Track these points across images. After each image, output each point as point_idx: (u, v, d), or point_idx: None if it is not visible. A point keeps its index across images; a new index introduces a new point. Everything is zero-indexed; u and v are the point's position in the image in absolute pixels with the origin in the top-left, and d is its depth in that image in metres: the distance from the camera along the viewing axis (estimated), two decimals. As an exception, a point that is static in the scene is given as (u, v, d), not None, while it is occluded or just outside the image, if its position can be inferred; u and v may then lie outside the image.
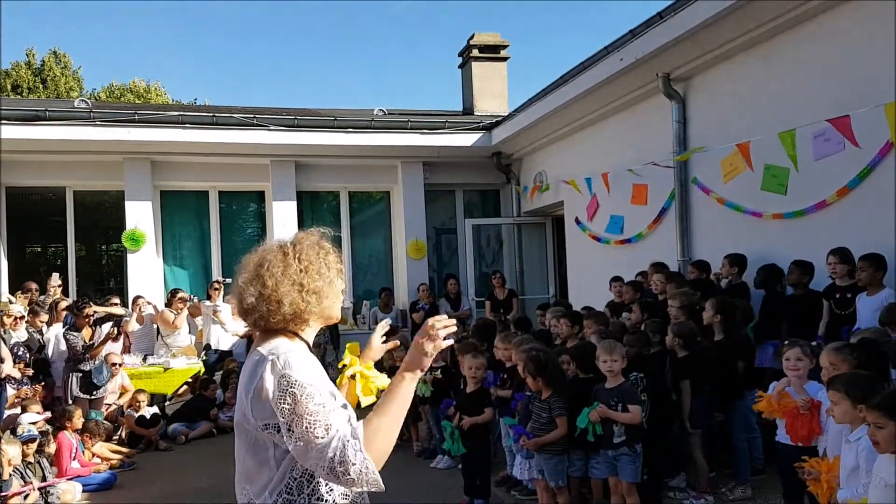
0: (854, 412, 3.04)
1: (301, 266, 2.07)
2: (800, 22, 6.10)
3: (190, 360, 9.28)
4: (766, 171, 6.31)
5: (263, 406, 1.93)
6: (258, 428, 1.96)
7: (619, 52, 7.58)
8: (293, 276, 2.05)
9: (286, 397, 1.89)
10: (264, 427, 1.95)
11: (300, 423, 1.87)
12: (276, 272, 2.05)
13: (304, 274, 2.07)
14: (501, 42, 12.77)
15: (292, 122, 10.43)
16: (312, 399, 1.89)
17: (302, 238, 2.16)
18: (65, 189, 10.73)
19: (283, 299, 2.03)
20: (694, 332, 5.39)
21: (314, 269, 2.08)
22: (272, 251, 2.11)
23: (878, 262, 5.11)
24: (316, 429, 1.86)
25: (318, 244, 2.15)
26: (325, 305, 2.11)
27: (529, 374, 4.92)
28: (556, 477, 4.86)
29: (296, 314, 2.05)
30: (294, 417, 1.88)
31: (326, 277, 2.11)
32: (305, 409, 1.88)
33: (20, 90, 26.82)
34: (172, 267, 11.11)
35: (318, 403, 1.89)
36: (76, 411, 7.02)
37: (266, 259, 2.09)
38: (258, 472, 2.00)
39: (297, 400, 1.88)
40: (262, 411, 1.94)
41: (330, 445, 1.85)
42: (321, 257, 2.12)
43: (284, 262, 2.07)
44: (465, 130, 11.18)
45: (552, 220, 11.63)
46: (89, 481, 6.62)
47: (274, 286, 2.03)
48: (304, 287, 2.06)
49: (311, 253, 2.11)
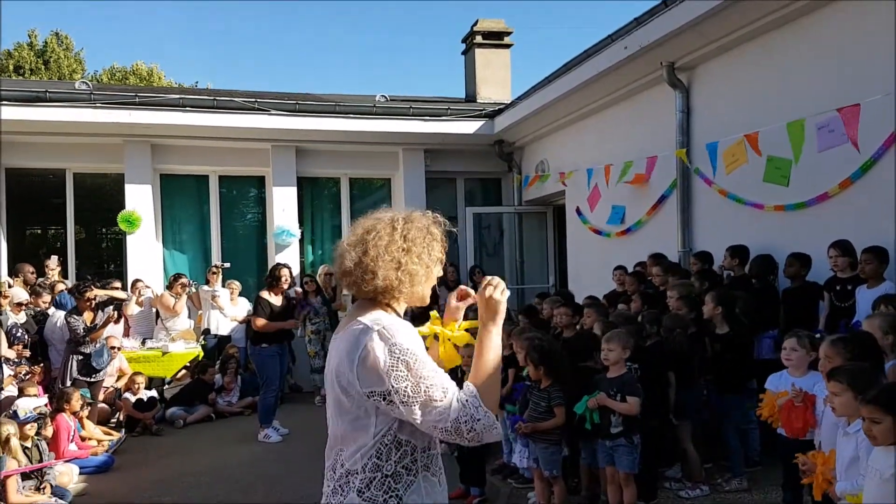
0: (855, 404, 3.04)
1: (405, 245, 2.11)
2: (804, 13, 6.05)
3: (189, 345, 9.29)
4: (769, 162, 6.28)
5: (370, 373, 1.97)
6: (363, 395, 2.00)
7: (623, 41, 7.53)
8: (395, 252, 2.09)
9: (399, 365, 1.95)
10: (370, 395, 1.99)
11: (418, 388, 1.94)
12: (380, 244, 2.09)
13: (406, 253, 2.11)
14: (505, 29, 12.69)
15: (293, 107, 10.38)
16: (424, 366, 1.97)
17: (414, 218, 2.19)
18: (65, 171, 10.68)
19: (378, 272, 2.07)
20: (686, 323, 5.38)
21: (415, 252, 2.12)
22: (383, 221, 2.14)
23: (881, 254, 5.09)
24: (435, 391, 1.95)
25: (428, 230, 2.19)
26: (416, 289, 2.15)
27: (532, 363, 4.92)
28: (550, 466, 4.87)
29: (386, 289, 2.09)
30: (411, 383, 1.94)
31: (425, 263, 2.15)
32: (420, 374, 1.95)
33: (22, 71, 26.74)
34: (172, 251, 11.10)
35: (432, 369, 1.98)
36: (74, 394, 7.02)
37: (375, 228, 2.12)
38: (354, 437, 2.04)
39: (411, 367, 1.95)
40: (369, 378, 1.98)
41: (451, 407, 1.95)
42: (426, 242, 2.17)
43: (391, 236, 2.11)
44: (468, 118, 11.13)
45: (553, 209, 11.60)
46: (86, 464, 6.64)
47: (374, 256, 2.08)
48: (402, 266, 2.10)
49: (419, 236, 2.15)
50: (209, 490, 6.08)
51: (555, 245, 11.76)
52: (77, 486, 6.28)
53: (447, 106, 11.27)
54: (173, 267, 10.82)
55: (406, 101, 11.36)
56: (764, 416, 4.26)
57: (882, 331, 3.90)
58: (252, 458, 7.03)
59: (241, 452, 7.25)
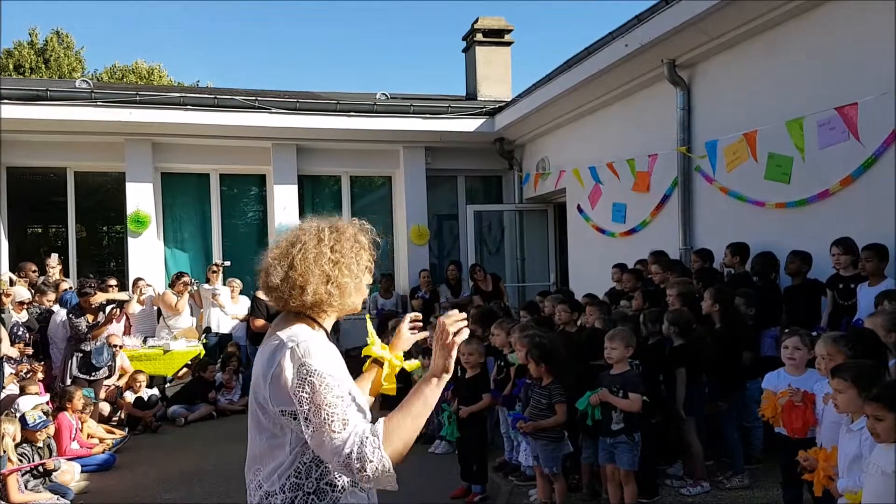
0: (859, 401, 3.03)
1: (333, 257, 2.03)
2: (805, 10, 6.05)
3: (190, 343, 9.29)
4: (770, 160, 6.28)
5: (282, 392, 1.92)
6: (277, 413, 1.95)
7: (624, 38, 7.52)
8: (323, 265, 2.02)
9: (305, 386, 1.87)
10: (282, 413, 1.94)
11: (318, 414, 1.86)
12: (308, 257, 2.01)
13: (335, 266, 2.03)
14: (506, 26, 12.68)
15: (294, 106, 10.38)
16: (331, 390, 1.87)
17: (341, 227, 2.10)
18: (66, 170, 10.69)
19: (307, 287, 2.00)
20: (690, 320, 5.38)
21: (345, 264, 2.04)
22: (308, 233, 2.06)
23: (881, 252, 5.09)
24: (333, 422, 1.85)
25: (355, 238, 2.11)
26: (346, 301, 2.07)
27: (533, 360, 4.92)
28: (550, 463, 4.87)
29: (316, 303, 2.02)
30: (312, 407, 1.86)
31: (355, 275, 2.07)
32: (324, 399, 1.86)
33: (22, 70, 26.73)
34: (173, 249, 11.11)
35: (337, 395, 1.88)
36: (76, 392, 7.02)
37: (301, 240, 2.04)
38: (271, 455, 1.99)
39: (316, 390, 1.87)
40: (280, 397, 1.93)
41: (347, 441, 1.84)
42: (355, 252, 2.08)
43: (318, 248, 2.03)
44: (468, 116, 11.12)
45: (554, 206, 11.60)
46: (88, 462, 6.65)
47: (302, 271, 2.00)
48: (332, 279, 2.02)
49: (347, 246, 2.06)
50: (211, 488, 6.08)
51: (556, 243, 11.76)
52: (79, 484, 6.28)
53: (448, 104, 11.27)
54: (174, 265, 10.83)
55: (407, 99, 11.37)
56: (767, 415, 4.25)
57: (885, 328, 3.89)
58: (253, 456, 7.03)
59: (243, 450, 7.10)
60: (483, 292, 10.20)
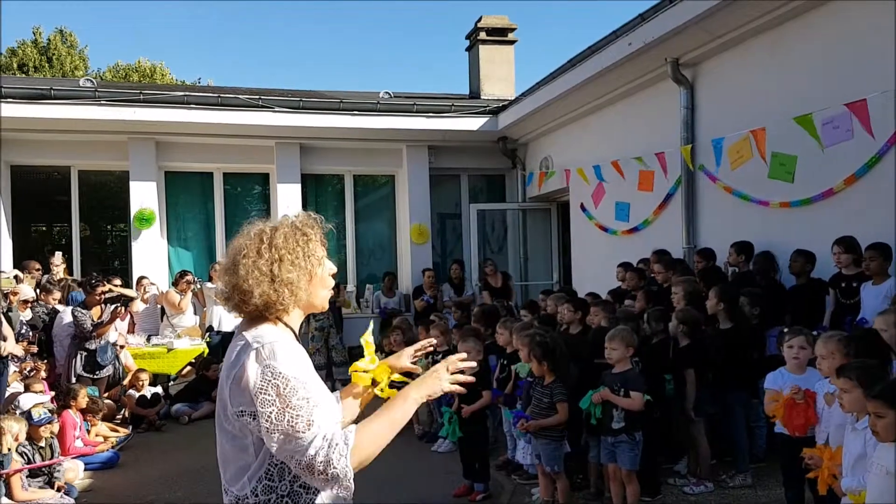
0: (864, 400, 3.03)
1: (275, 255, 1.98)
2: (808, 9, 6.04)
3: (193, 341, 9.30)
4: (774, 158, 6.26)
5: (242, 393, 1.89)
6: (235, 414, 1.92)
7: (628, 37, 7.51)
8: (263, 266, 1.97)
9: (269, 388, 1.85)
10: (240, 413, 1.90)
11: (282, 416, 1.84)
12: (248, 261, 1.97)
13: (277, 264, 1.98)
14: (509, 25, 12.67)
15: (297, 104, 10.38)
16: (296, 392, 1.85)
17: (282, 223, 2.06)
18: (69, 168, 10.73)
19: (254, 290, 1.95)
20: (698, 319, 5.37)
21: (288, 260, 1.99)
22: (250, 238, 2.03)
23: (885, 251, 5.08)
24: (298, 423, 1.83)
25: (301, 230, 2.05)
26: (300, 297, 2.02)
27: (535, 359, 4.91)
28: (552, 462, 4.87)
29: (267, 305, 1.97)
30: (275, 410, 1.84)
31: (302, 268, 2.01)
32: (288, 402, 1.84)
33: (26, 69, 26.76)
34: (177, 248, 11.13)
35: (302, 397, 1.86)
36: (81, 390, 7.03)
37: (244, 246, 2.01)
38: (235, 458, 1.97)
39: (280, 392, 1.84)
40: (239, 398, 1.89)
41: (312, 443, 1.83)
42: (301, 245, 2.02)
43: (258, 249, 1.99)
44: (471, 114, 11.12)
45: (557, 205, 11.59)
46: (92, 460, 6.66)
47: (244, 276, 1.96)
48: (276, 278, 1.97)
49: (289, 241, 2.01)
50: (214, 486, 6.05)
51: (559, 242, 11.75)
52: (83, 482, 6.30)
53: (451, 102, 11.27)
54: (178, 264, 10.85)
55: (410, 98, 11.36)
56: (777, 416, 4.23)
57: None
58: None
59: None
60: (491, 288, 10.23)
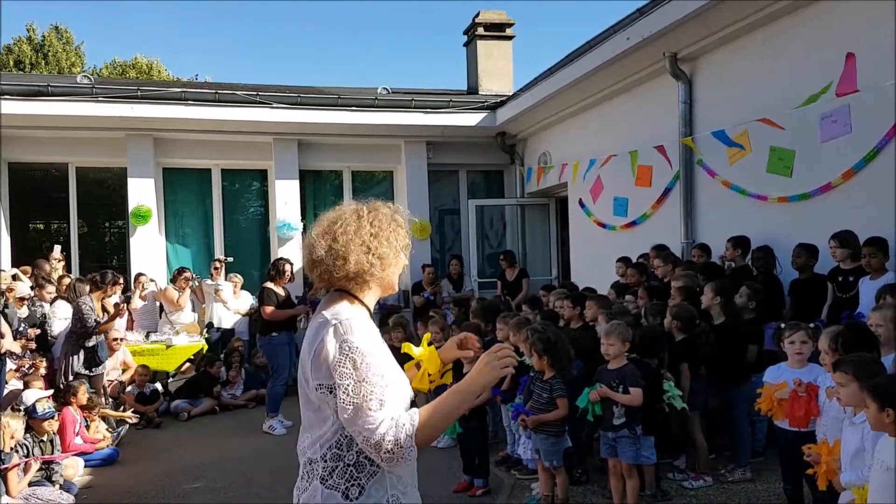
0: (861, 394, 3.04)
1: (372, 230, 2.16)
2: (806, 3, 6.03)
3: (192, 338, 9.31)
4: (772, 153, 6.27)
5: (321, 367, 2.01)
6: (313, 388, 2.04)
7: (626, 32, 7.50)
8: (363, 236, 2.14)
9: (346, 361, 1.97)
10: (318, 387, 2.03)
11: (357, 390, 1.95)
12: (348, 230, 2.14)
13: (374, 238, 2.15)
14: (507, 20, 12.65)
15: (295, 100, 10.36)
16: (370, 368, 1.97)
17: (378, 206, 2.25)
18: (67, 165, 10.70)
19: (350, 256, 2.11)
20: (693, 314, 5.38)
21: (384, 236, 2.17)
22: (348, 211, 2.20)
23: (884, 246, 5.08)
24: (371, 400, 1.95)
25: (392, 217, 2.24)
26: (387, 273, 2.19)
27: (536, 353, 4.92)
28: (551, 457, 4.88)
29: (358, 273, 2.13)
30: (351, 382, 1.96)
31: (394, 247, 2.19)
32: (364, 376, 1.96)
33: (22, 66, 26.68)
34: (175, 245, 11.12)
35: (377, 374, 1.98)
36: (80, 387, 7.03)
37: (341, 217, 2.18)
38: (317, 426, 2.09)
39: (357, 366, 1.97)
40: (318, 372, 2.02)
41: (382, 422, 1.94)
42: (392, 228, 2.21)
43: (358, 223, 2.16)
44: (470, 110, 11.11)
45: (556, 201, 11.58)
46: (92, 457, 6.66)
47: (344, 242, 2.12)
48: (371, 250, 2.14)
49: (385, 221, 2.20)
50: (214, 482, 6.10)
51: (558, 237, 11.75)
52: (82, 478, 6.30)
53: (449, 98, 11.25)
54: (176, 261, 10.84)
55: (408, 94, 11.33)
56: (763, 409, 4.26)
57: (894, 322, 3.88)
58: (256, 450, 7.06)
59: (246, 444, 7.28)
60: (505, 280, 10.20)
